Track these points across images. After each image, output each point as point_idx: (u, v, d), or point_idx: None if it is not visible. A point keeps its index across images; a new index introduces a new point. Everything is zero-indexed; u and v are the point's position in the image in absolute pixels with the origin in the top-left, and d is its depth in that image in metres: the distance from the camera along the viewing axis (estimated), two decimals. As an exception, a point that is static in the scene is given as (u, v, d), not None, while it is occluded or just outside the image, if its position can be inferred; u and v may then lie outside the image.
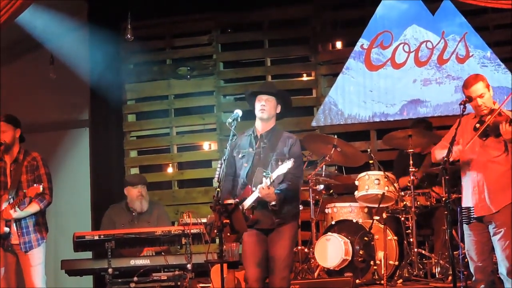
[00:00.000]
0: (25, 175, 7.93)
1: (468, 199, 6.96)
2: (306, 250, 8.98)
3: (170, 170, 11.27)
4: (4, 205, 7.79)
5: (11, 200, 7.76)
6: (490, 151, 6.90)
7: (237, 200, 6.80)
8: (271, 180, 6.69)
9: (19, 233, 7.85)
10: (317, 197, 9.11)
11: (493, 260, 7.08)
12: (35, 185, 7.64)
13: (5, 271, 7.96)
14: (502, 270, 6.89)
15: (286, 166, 6.68)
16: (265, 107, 7.04)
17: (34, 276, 7.90)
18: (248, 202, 6.82)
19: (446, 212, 6.81)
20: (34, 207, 7.87)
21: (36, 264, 7.93)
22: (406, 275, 8.36)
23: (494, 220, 6.86)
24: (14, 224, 7.83)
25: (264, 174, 6.75)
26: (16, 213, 7.73)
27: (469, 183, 7.00)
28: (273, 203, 6.77)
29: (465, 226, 6.99)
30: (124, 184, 9.39)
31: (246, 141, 7.09)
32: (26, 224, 7.89)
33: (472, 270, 7.05)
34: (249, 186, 6.89)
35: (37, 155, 8.06)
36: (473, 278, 7.04)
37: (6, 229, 7.80)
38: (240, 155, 7.05)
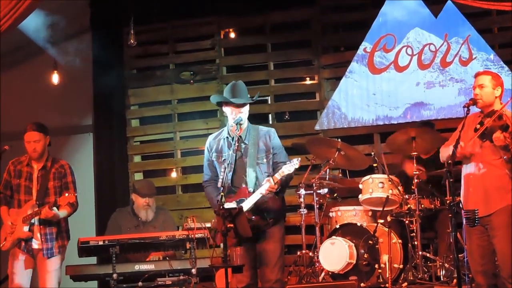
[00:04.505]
0: (52, 181, 7.99)
1: (466, 200, 6.96)
2: (310, 254, 8.97)
3: (174, 174, 11.28)
4: (29, 210, 7.85)
5: (36, 208, 7.82)
6: (488, 153, 6.90)
7: (241, 205, 6.76)
8: (276, 181, 6.68)
9: (42, 239, 7.91)
10: (321, 200, 9.11)
11: (496, 263, 7.08)
12: (66, 194, 7.69)
13: (22, 274, 8.00)
14: (503, 273, 6.89)
15: (292, 166, 6.68)
16: (242, 115, 6.94)
17: (49, 281, 7.94)
18: (247, 204, 6.74)
19: (450, 215, 6.78)
20: (67, 210, 7.93)
21: (52, 270, 7.97)
22: (411, 278, 8.35)
23: (491, 223, 6.87)
24: (38, 230, 7.90)
25: (268, 177, 6.73)
26: (55, 212, 7.75)
27: (467, 184, 7.02)
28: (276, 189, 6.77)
29: (465, 230, 6.98)
30: (132, 189, 9.40)
31: (224, 144, 6.98)
32: (51, 230, 7.95)
33: (472, 274, 7.04)
34: (244, 187, 6.83)
35: (65, 163, 8.15)
36: (475, 282, 7.02)
37: (29, 234, 7.88)
38: (220, 160, 6.94)
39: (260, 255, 6.89)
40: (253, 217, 6.76)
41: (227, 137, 6.98)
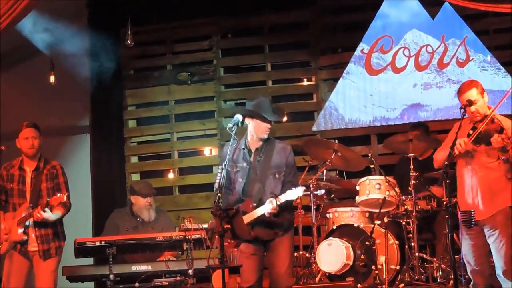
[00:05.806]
0: (45, 183, 8.00)
1: (462, 204, 6.97)
2: (307, 255, 8.98)
3: (171, 175, 11.27)
4: (24, 213, 7.85)
5: (30, 209, 7.81)
6: (483, 157, 6.91)
7: (238, 206, 6.78)
8: (278, 203, 6.71)
9: (38, 241, 7.91)
10: (318, 202, 9.12)
11: (491, 264, 7.09)
12: (58, 194, 7.69)
13: (18, 276, 8.00)
14: (499, 271, 6.92)
15: (296, 193, 6.74)
16: (269, 131, 7.02)
17: (45, 283, 7.94)
18: (248, 218, 6.80)
19: (447, 216, 6.79)
20: (60, 211, 7.91)
21: (49, 271, 7.97)
22: (408, 279, 8.35)
23: (488, 224, 6.89)
24: (33, 232, 7.89)
25: (271, 197, 6.76)
26: (47, 214, 7.75)
27: (463, 188, 7.03)
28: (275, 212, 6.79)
29: (461, 230, 7.00)
30: (131, 191, 9.38)
31: (240, 155, 7.03)
32: (47, 232, 7.95)
33: (469, 274, 7.06)
34: (250, 200, 6.88)
35: (56, 164, 8.16)
36: (471, 283, 7.04)
37: (24, 237, 7.87)
38: (235, 169, 6.99)
39: (271, 265, 6.96)
40: (251, 231, 6.82)
41: (243, 148, 7.03)
